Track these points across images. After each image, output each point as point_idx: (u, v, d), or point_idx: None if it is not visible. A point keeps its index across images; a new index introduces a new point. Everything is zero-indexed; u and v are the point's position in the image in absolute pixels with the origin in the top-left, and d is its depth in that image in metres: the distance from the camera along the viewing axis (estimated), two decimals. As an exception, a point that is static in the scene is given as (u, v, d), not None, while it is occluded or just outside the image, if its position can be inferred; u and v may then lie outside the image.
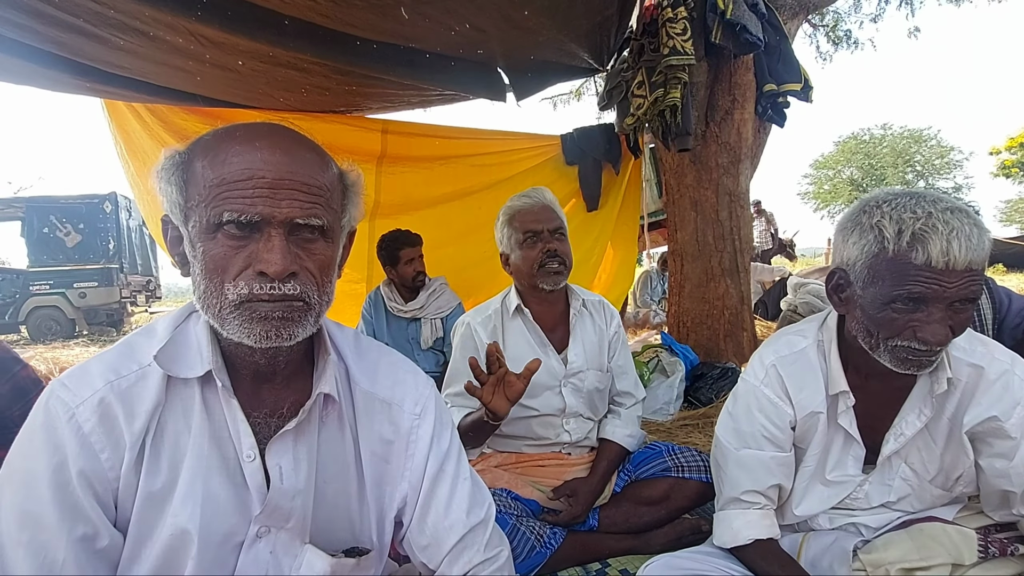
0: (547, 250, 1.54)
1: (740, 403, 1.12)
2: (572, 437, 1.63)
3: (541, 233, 1.56)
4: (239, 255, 0.66)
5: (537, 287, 1.57)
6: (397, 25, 2.47)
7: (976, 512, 1.07)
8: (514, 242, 1.59)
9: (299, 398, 0.77)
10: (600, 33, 3.03)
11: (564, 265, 1.56)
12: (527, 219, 1.57)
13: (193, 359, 0.72)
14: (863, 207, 0.93)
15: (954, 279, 0.84)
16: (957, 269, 0.83)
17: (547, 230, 1.56)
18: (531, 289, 1.61)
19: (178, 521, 0.68)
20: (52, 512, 0.64)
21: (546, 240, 1.55)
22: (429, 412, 0.86)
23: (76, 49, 2.44)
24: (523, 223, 1.57)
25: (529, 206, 1.58)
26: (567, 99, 8.51)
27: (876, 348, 0.93)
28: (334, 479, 0.79)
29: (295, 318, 0.68)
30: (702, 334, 3.46)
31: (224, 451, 0.72)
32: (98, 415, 0.67)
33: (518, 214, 1.58)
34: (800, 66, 3.33)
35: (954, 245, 0.82)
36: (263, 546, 0.73)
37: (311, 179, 0.69)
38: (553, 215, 1.59)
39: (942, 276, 0.84)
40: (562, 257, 1.56)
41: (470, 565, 0.83)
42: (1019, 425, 0.95)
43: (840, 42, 8.01)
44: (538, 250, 1.55)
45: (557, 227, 1.57)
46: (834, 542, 1.07)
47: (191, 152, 0.69)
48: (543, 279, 1.55)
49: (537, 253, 1.55)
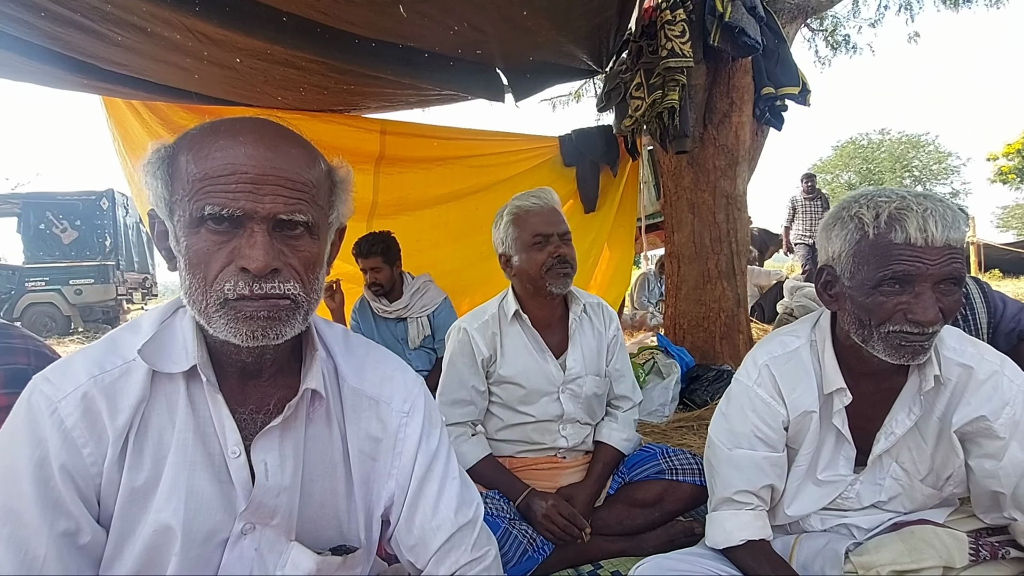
0: (557, 255, 1.51)
1: (733, 403, 1.12)
2: (569, 443, 1.62)
3: (551, 237, 1.52)
4: (222, 250, 0.66)
5: (543, 290, 1.54)
6: (395, 24, 2.47)
7: (968, 515, 1.07)
8: (520, 244, 1.54)
9: (286, 394, 0.76)
10: (599, 35, 3.03)
11: (572, 269, 1.54)
12: (537, 221, 1.53)
13: (178, 354, 0.71)
14: (842, 205, 0.97)
15: (934, 256, 0.87)
16: (936, 246, 0.87)
17: (556, 234, 1.53)
18: (534, 292, 1.57)
19: (161, 517, 0.68)
20: (33, 507, 0.63)
21: (556, 244, 1.52)
22: (418, 410, 0.85)
23: (74, 45, 2.43)
24: (533, 225, 1.53)
25: (539, 208, 1.54)
26: (566, 100, 8.51)
27: (869, 339, 0.94)
28: (321, 476, 0.79)
29: (282, 317, 0.68)
30: (698, 336, 3.46)
31: (209, 447, 0.72)
32: (81, 410, 0.66)
33: (527, 215, 1.54)
34: (798, 70, 3.34)
35: (930, 222, 0.86)
36: (248, 543, 0.73)
37: (296, 175, 0.68)
38: (561, 218, 1.56)
39: (923, 253, 0.87)
40: (570, 262, 1.53)
41: (457, 565, 0.82)
42: (1008, 425, 0.96)
43: (839, 47, 8.03)
44: (547, 254, 1.51)
45: (565, 231, 1.55)
46: (826, 544, 1.07)
47: (177, 146, 0.69)
48: (552, 282, 1.52)
49: (546, 257, 1.51)
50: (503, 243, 1.59)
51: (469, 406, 1.58)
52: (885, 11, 7.58)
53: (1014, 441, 0.96)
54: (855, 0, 7.62)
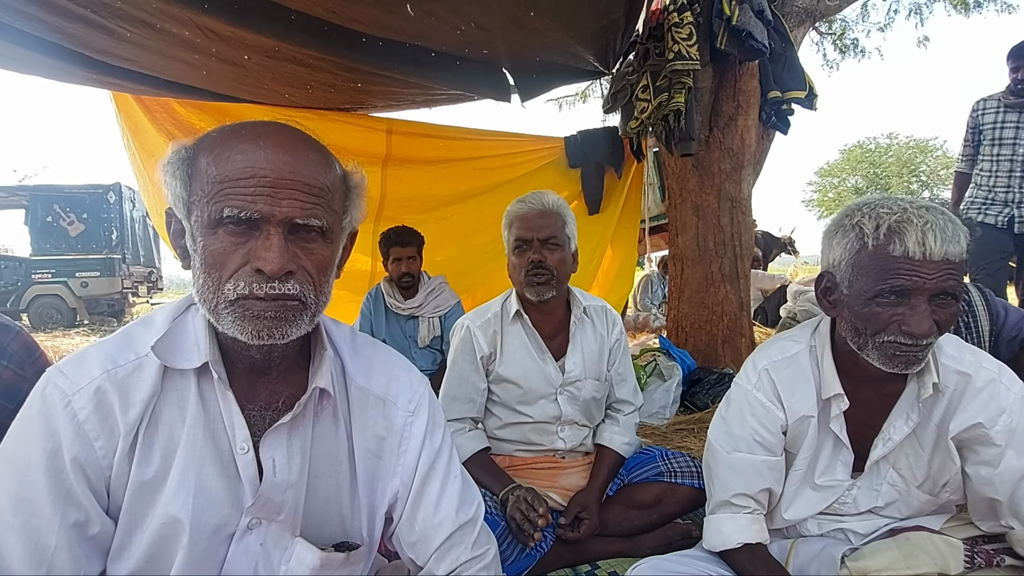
0: (532, 259, 1.49)
1: (732, 407, 1.12)
2: (567, 444, 1.63)
3: (531, 242, 1.50)
4: (238, 251, 0.67)
5: (523, 295, 1.56)
6: (403, 22, 2.48)
7: (964, 523, 1.08)
8: (508, 247, 1.57)
9: (294, 392, 0.77)
10: (606, 36, 3.03)
11: (553, 276, 1.50)
12: (519, 226, 1.53)
13: (190, 351, 0.73)
14: (845, 212, 0.97)
15: (932, 270, 0.87)
16: (934, 260, 0.87)
17: (537, 239, 1.50)
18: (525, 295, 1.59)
19: (170, 510, 0.69)
20: (45, 498, 0.65)
21: (535, 249, 1.50)
22: (423, 409, 0.87)
23: (83, 40, 2.45)
24: (515, 230, 1.53)
25: (524, 212, 1.53)
26: (573, 101, 8.52)
27: (864, 347, 0.95)
28: (327, 474, 0.80)
29: (289, 318, 0.69)
30: (700, 339, 3.46)
31: (218, 443, 0.73)
32: (94, 403, 0.68)
33: (515, 219, 1.55)
34: (805, 73, 3.33)
35: (929, 236, 0.86)
36: (253, 538, 0.74)
37: (313, 179, 0.69)
38: (548, 222, 1.51)
39: (920, 267, 0.87)
40: (550, 269, 1.49)
41: (457, 563, 0.84)
42: (1004, 433, 0.96)
43: (847, 50, 8.01)
44: (526, 259, 1.50)
45: (548, 236, 1.50)
46: (822, 549, 1.08)
47: (197, 148, 0.70)
48: (528, 289, 1.52)
49: (525, 262, 1.51)
50: (505, 244, 1.61)
51: (469, 403, 1.59)
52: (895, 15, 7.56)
53: (1010, 449, 0.96)
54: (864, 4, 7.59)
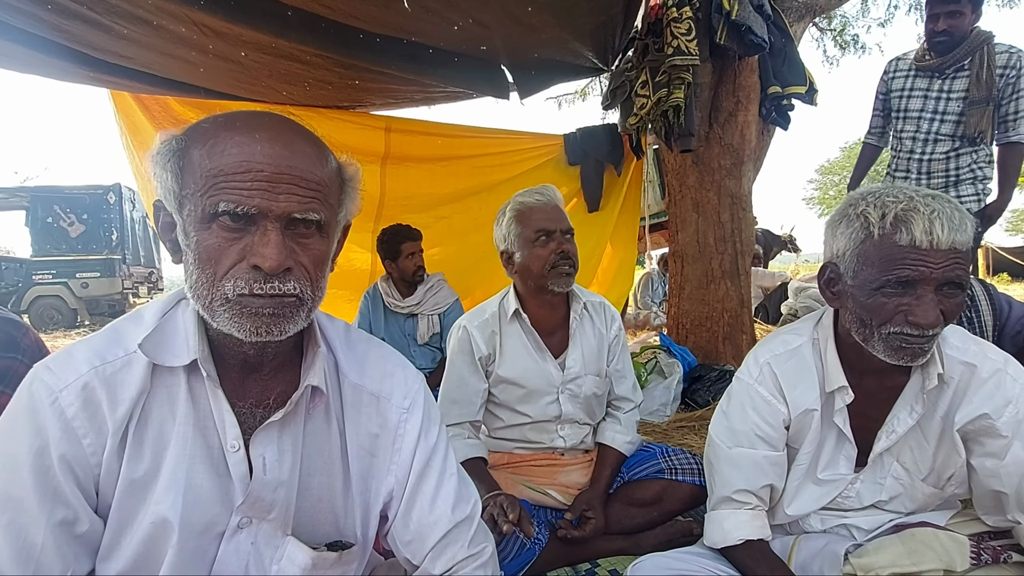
0: (560, 251, 1.50)
1: (734, 401, 1.11)
2: (567, 443, 1.62)
3: (554, 233, 1.50)
4: (233, 247, 0.65)
5: (546, 288, 1.53)
6: (400, 18, 2.47)
7: (970, 519, 1.06)
8: (522, 240, 1.53)
9: (286, 389, 0.76)
10: (605, 32, 3.01)
11: (574, 267, 1.53)
12: (540, 217, 1.51)
13: (179, 347, 0.71)
14: (849, 202, 0.95)
15: (939, 259, 0.85)
16: (941, 249, 0.85)
17: (560, 230, 1.51)
18: (535, 291, 1.56)
19: (159, 509, 0.68)
20: (32, 496, 0.63)
21: (559, 241, 1.50)
22: (418, 406, 0.85)
23: (80, 38, 2.44)
24: (536, 221, 1.51)
25: (542, 204, 1.53)
26: (572, 98, 8.51)
27: (870, 339, 0.93)
28: (319, 472, 0.78)
29: (287, 314, 0.68)
30: (701, 336, 3.45)
31: (208, 440, 0.72)
32: (81, 400, 0.66)
33: (531, 211, 1.53)
34: (805, 69, 3.31)
35: (936, 225, 0.84)
36: (244, 537, 0.73)
37: (310, 173, 0.68)
38: (564, 215, 1.55)
39: (927, 256, 0.85)
40: (573, 259, 1.52)
41: (453, 561, 0.82)
42: (1010, 424, 0.95)
43: (847, 46, 7.98)
44: (550, 250, 1.49)
45: (568, 228, 1.53)
46: (825, 546, 1.06)
47: (188, 139, 0.68)
48: (554, 280, 1.51)
49: (549, 253, 1.49)
50: (505, 240, 1.57)
51: (469, 405, 1.57)
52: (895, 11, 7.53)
53: (1017, 440, 0.94)
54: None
